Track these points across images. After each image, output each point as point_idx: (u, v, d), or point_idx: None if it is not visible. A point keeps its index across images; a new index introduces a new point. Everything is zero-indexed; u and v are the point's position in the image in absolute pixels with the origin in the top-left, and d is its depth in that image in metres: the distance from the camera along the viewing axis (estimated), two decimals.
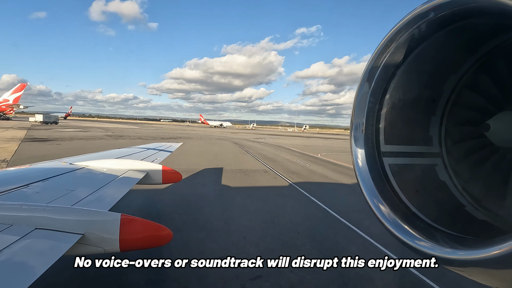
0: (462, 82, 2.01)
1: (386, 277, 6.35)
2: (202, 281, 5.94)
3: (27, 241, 2.52)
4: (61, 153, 21.75)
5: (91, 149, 26.49)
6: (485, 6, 1.28)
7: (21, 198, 3.79)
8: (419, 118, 2.09)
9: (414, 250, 1.51)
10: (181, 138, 46.72)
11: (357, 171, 1.94)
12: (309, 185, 15.95)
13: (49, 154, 21.10)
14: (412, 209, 1.81)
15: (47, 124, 74.71)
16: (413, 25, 1.64)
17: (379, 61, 1.84)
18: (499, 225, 1.73)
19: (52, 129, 55.16)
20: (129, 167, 6.57)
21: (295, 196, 13.63)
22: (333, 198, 13.58)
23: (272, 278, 6.07)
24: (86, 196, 4.21)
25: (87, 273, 5.95)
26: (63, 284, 5.64)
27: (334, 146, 52.85)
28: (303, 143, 56.94)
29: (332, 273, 6.33)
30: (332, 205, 11.86)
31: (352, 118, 2.00)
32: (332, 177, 18.83)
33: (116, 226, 2.98)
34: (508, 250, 1.05)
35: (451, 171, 2.09)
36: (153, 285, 5.82)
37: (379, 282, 6.28)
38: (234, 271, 6.14)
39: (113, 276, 5.98)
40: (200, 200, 12.01)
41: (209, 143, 42.35)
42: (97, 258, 2.64)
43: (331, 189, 15.79)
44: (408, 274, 6.41)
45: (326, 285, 6.00)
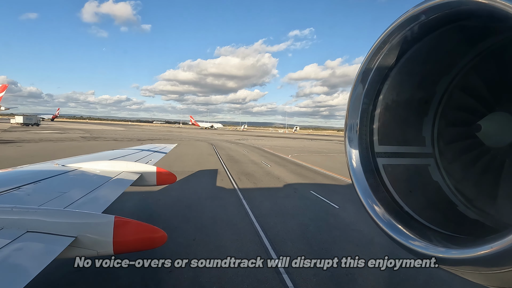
0: (454, 83, 2.04)
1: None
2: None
3: (18, 245, 2.47)
4: (15, 156, 21.96)
5: (53, 151, 26.19)
6: (474, 9, 1.31)
7: (12, 200, 3.73)
8: (412, 119, 2.11)
9: (408, 250, 1.52)
10: (159, 140, 46.63)
11: (351, 171, 1.96)
12: (253, 188, 15.58)
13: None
14: (406, 209, 1.83)
15: (27, 126, 73.67)
16: (406, 27, 1.66)
17: (373, 63, 1.86)
18: (491, 224, 1.76)
19: (29, 131, 54.72)
20: (123, 169, 6.51)
21: (225, 198, 13.17)
22: (267, 200, 13.18)
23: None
24: (79, 198, 4.15)
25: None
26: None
27: (313, 147, 53.17)
28: (284, 144, 57.21)
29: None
30: (259, 207, 11.77)
31: (346, 119, 2.01)
32: (284, 179, 18.59)
33: (109, 228, 2.95)
34: (498, 248, 1.07)
35: (443, 171, 2.11)
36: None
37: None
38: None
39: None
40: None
41: (185, 144, 42.10)
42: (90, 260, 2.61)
43: (272, 192, 15.12)
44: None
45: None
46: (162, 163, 9.56)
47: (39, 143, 33.81)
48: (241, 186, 15.74)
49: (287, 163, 26.73)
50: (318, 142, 71.26)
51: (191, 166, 21.32)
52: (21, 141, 34.10)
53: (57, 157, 15.43)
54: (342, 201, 13.45)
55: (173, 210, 11.18)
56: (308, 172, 22.27)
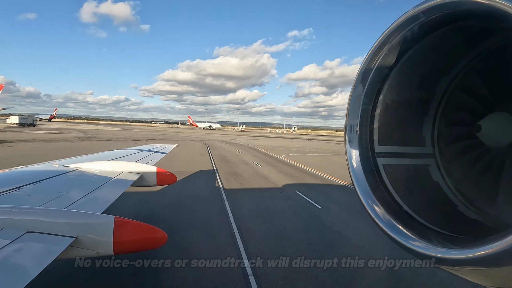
0: (454, 83, 2.04)
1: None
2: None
3: (18, 245, 2.47)
4: (3, 156, 21.85)
5: (44, 152, 26.10)
6: (474, 8, 1.31)
7: (12, 201, 3.73)
8: (412, 119, 2.11)
9: (408, 250, 1.52)
10: (154, 140, 46.72)
11: (351, 172, 1.96)
12: (238, 189, 15.41)
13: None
14: (406, 209, 1.82)
15: (23, 126, 73.62)
16: (406, 27, 1.66)
17: (373, 63, 1.86)
18: (491, 224, 1.76)
19: (23, 131, 54.71)
20: (123, 169, 6.51)
21: (209, 200, 13.05)
22: (250, 201, 13.06)
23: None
24: (79, 198, 4.16)
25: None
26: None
27: (308, 147, 53.16)
28: (279, 144, 57.31)
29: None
30: (240, 208, 11.68)
31: (346, 119, 2.02)
32: (272, 179, 18.61)
33: (109, 228, 2.95)
34: (499, 249, 1.07)
35: (443, 172, 2.11)
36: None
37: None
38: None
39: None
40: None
41: (180, 144, 41.96)
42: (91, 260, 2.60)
43: (257, 193, 14.88)
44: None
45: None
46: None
47: (31, 143, 33.79)
48: (227, 187, 15.62)
49: (278, 163, 26.68)
50: (315, 143, 71.42)
51: (181, 167, 21.19)
52: (13, 141, 34.08)
53: (48, 157, 15.16)
54: (327, 202, 13.35)
55: (152, 210, 11.04)
56: (298, 172, 22.18)
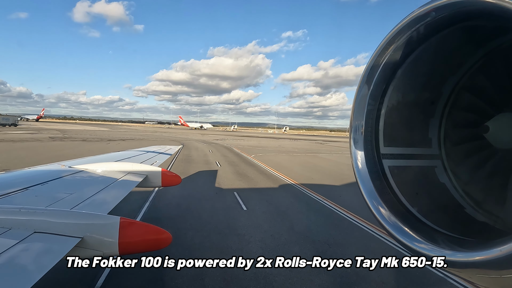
0: (460, 84, 2.01)
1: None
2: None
3: (26, 245, 2.50)
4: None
5: (8, 153, 24.90)
6: (481, 8, 1.29)
7: (20, 201, 3.78)
8: (418, 120, 2.09)
9: (414, 252, 1.50)
10: (133, 140, 46.35)
11: (356, 173, 1.94)
12: (175, 188, 13.57)
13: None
14: (412, 211, 1.80)
15: (4, 127, 73.29)
16: (412, 27, 1.64)
17: (378, 63, 1.85)
18: (499, 226, 1.73)
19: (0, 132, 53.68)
20: (129, 170, 6.56)
21: (135, 202, 12.00)
22: (176, 202, 12.46)
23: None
24: (85, 199, 4.20)
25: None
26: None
27: (288, 147, 52.72)
28: (260, 144, 56.60)
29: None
30: (160, 210, 11.35)
31: (351, 120, 2.00)
32: (220, 180, 17.77)
33: (115, 229, 2.97)
34: (508, 251, 1.05)
35: (450, 173, 2.08)
36: None
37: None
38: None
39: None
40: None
41: (155, 144, 41.88)
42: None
43: (192, 194, 14.05)
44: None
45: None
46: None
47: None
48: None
49: (241, 163, 26.09)
50: (299, 142, 70.72)
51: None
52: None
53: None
54: (257, 203, 12.78)
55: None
56: (255, 172, 21.33)
